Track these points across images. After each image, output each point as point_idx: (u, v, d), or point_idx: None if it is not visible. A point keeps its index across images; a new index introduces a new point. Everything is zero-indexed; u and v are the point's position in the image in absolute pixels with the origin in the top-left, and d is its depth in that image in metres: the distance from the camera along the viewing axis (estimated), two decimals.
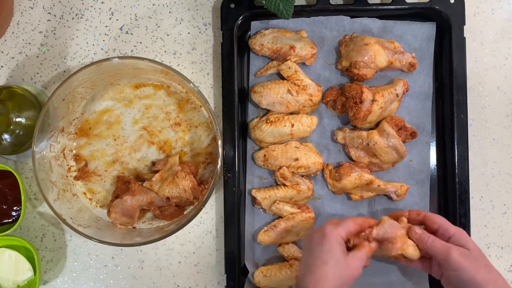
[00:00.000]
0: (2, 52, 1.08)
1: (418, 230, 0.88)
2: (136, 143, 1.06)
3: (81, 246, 1.07)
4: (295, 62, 1.02)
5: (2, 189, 1.03)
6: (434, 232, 0.90)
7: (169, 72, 0.96)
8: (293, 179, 1.02)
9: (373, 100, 0.99)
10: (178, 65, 1.08)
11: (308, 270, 0.84)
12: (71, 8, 1.08)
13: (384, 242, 0.90)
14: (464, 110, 1.02)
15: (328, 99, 1.04)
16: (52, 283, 1.08)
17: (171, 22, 1.08)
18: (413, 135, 1.03)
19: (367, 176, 1.01)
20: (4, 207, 1.03)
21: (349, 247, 0.89)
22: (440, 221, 0.90)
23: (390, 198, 1.04)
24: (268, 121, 1.01)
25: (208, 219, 1.07)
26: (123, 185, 1.03)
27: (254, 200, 1.04)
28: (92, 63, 0.94)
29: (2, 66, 1.08)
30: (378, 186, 1.02)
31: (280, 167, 1.02)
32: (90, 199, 1.06)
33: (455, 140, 1.02)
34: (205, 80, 1.08)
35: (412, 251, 0.89)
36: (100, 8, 1.08)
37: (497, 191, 1.08)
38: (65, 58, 1.08)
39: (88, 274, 1.08)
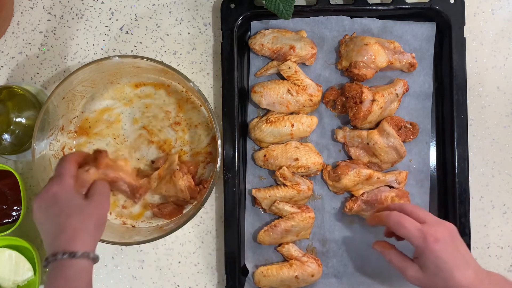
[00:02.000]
0: (2, 52, 1.08)
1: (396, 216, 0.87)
2: (136, 142, 1.06)
3: None
4: (295, 62, 1.02)
5: (2, 189, 1.03)
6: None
7: (169, 71, 0.96)
8: (293, 179, 1.02)
9: (373, 100, 0.99)
10: (178, 65, 1.08)
11: (58, 231, 0.77)
12: (71, 8, 1.08)
13: (374, 204, 1.01)
14: (464, 110, 1.02)
15: (328, 99, 1.04)
16: None
17: (171, 22, 1.08)
18: (414, 129, 1.03)
19: (365, 171, 1.01)
20: (4, 207, 1.03)
21: None
22: (410, 209, 0.88)
23: (392, 187, 1.04)
24: (268, 121, 1.01)
25: (208, 219, 1.07)
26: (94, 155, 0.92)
27: (254, 200, 1.04)
28: (92, 62, 0.94)
29: (2, 66, 1.08)
30: (378, 178, 1.02)
31: (280, 167, 1.02)
32: None
33: (455, 140, 1.02)
34: (205, 80, 1.08)
35: None
36: (100, 8, 1.08)
37: (497, 191, 1.08)
38: (65, 58, 1.08)
39: None
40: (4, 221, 1.03)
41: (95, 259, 0.78)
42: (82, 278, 0.76)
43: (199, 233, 1.07)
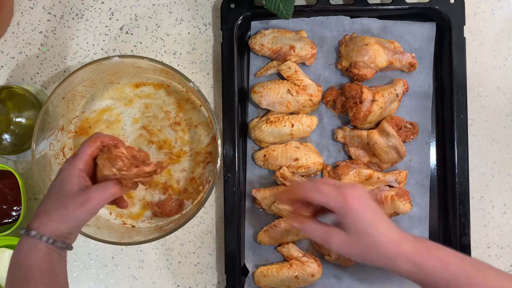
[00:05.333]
0: (2, 52, 1.08)
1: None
2: (136, 142, 1.06)
3: (81, 246, 1.07)
4: (295, 62, 1.02)
5: (2, 189, 1.03)
6: None
7: (169, 71, 0.96)
8: (293, 179, 1.02)
9: (373, 100, 0.99)
10: (178, 65, 1.08)
11: (43, 212, 0.79)
12: (71, 8, 1.08)
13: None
14: (464, 110, 1.02)
15: (328, 99, 1.04)
16: None
17: (171, 22, 1.08)
18: (414, 129, 1.03)
19: (365, 171, 1.01)
20: (4, 207, 1.03)
21: None
22: (320, 180, 0.84)
23: (392, 187, 1.04)
24: (268, 121, 1.01)
25: (208, 219, 1.07)
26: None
27: (254, 200, 1.04)
28: (92, 62, 0.94)
29: (2, 66, 1.08)
30: (378, 178, 1.02)
31: (280, 167, 1.02)
32: None
33: (455, 140, 1.02)
34: (205, 80, 1.08)
35: (403, 206, 0.99)
36: (100, 8, 1.08)
37: (497, 191, 1.08)
38: (65, 58, 1.08)
39: (88, 274, 1.08)
40: (4, 221, 1.03)
41: (55, 245, 0.77)
42: (35, 258, 0.77)
43: (199, 233, 1.07)
